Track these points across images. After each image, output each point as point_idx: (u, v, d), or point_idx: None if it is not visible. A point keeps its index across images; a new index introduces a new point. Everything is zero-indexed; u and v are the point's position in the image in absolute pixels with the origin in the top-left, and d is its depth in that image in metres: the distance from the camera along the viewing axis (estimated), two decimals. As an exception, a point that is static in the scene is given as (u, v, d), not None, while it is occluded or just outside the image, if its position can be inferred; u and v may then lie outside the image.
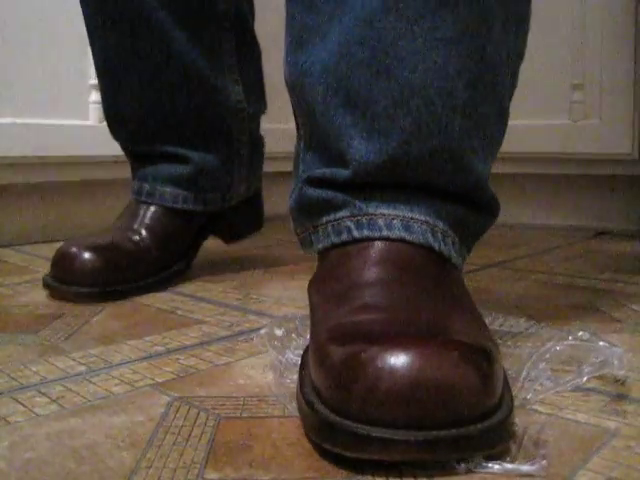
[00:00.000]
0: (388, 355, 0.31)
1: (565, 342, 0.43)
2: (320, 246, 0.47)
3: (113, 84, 0.74)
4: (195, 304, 0.66)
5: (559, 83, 1.16)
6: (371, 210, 0.44)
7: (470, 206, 0.46)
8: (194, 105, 0.75)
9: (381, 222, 0.43)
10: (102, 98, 0.76)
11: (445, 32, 0.41)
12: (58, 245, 0.70)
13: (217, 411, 0.39)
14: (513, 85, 0.48)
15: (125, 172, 0.83)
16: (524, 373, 0.41)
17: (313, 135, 0.47)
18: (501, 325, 0.53)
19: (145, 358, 0.49)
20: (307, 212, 0.48)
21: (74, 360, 0.48)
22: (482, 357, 0.33)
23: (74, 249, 0.67)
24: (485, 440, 0.31)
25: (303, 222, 0.49)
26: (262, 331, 0.49)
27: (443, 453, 0.30)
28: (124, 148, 0.79)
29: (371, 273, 0.41)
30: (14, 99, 0.99)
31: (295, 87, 0.47)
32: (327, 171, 0.45)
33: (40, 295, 0.69)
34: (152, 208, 0.75)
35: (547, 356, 0.41)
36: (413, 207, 0.43)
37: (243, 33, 0.79)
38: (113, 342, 0.53)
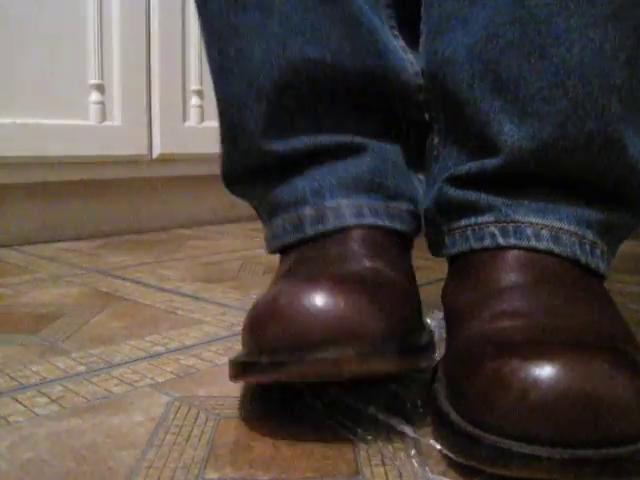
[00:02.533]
0: (533, 366, 0.29)
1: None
2: (455, 250, 0.44)
3: (240, 33, 0.46)
4: (195, 304, 0.66)
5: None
6: (518, 217, 0.41)
7: (619, 205, 0.43)
8: (364, 67, 0.46)
9: (529, 231, 0.40)
10: (216, 64, 0.49)
11: (601, 8, 0.38)
12: (58, 245, 0.70)
13: (217, 411, 0.39)
14: None
15: (125, 172, 0.82)
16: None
17: (454, 127, 0.45)
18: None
19: (145, 358, 0.49)
20: (445, 213, 0.44)
21: (74, 360, 0.48)
22: (635, 368, 0.30)
23: (305, 295, 0.34)
24: (638, 464, 0.28)
25: (438, 224, 0.45)
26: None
27: (589, 475, 0.28)
28: (247, 154, 0.48)
29: (513, 280, 0.39)
30: (14, 99, 0.99)
31: (435, 77, 0.44)
32: (472, 165, 0.42)
33: (40, 295, 0.69)
34: (341, 235, 0.44)
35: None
36: (562, 215, 0.41)
37: None
38: (113, 342, 0.53)
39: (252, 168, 0.49)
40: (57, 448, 0.34)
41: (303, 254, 0.45)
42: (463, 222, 0.43)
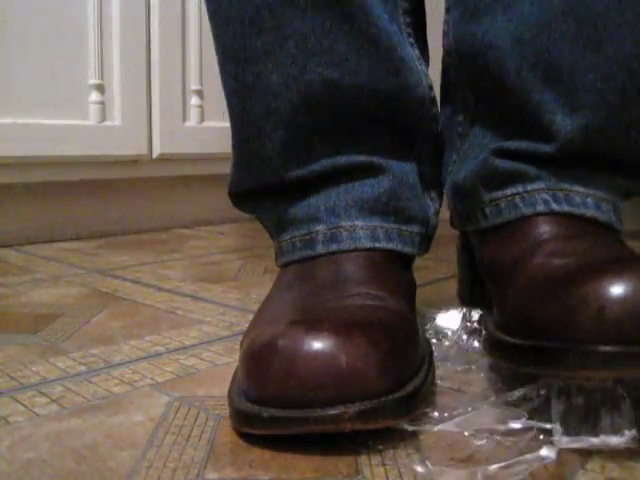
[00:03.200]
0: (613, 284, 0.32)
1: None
2: (500, 219, 0.45)
3: (257, 58, 0.44)
4: (195, 304, 0.66)
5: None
6: (566, 186, 0.44)
7: None
8: (382, 86, 0.45)
9: (578, 199, 0.43)
10: (232, 90, 0.47)
11: None
12: (58, 245, 0.70)
13: (217, 411, 0.39)
14: None
15: (125, 172, 0.82)
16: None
17: (495, 108, 0.46)
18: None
19: (145, 358, 0.49)
20: (490, 184, 0.46)
21: (74, 360, 0.48)
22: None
23: (306, 346, 0.33)
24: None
25: (479, 195, 0.47)
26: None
27: None
28: (262, 181, 0.48)
29: (554, 233, 0.42)
30: (14, 99, 0.99)
31: (474, 60, 0.45)
32: (523, 144, 0.44)
33: (40, 295, 0.69)
34: (356, 256, 0.44)
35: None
36: (602, 187, 0.44)
37: None
38: (113, 342, 0.53)
39: (265, 189, 0.48)
40: (57, 448, 0.34)
41: (307, 271, 0.44)
42: (509, 191, 0.45)
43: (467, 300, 0.56)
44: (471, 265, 0.53)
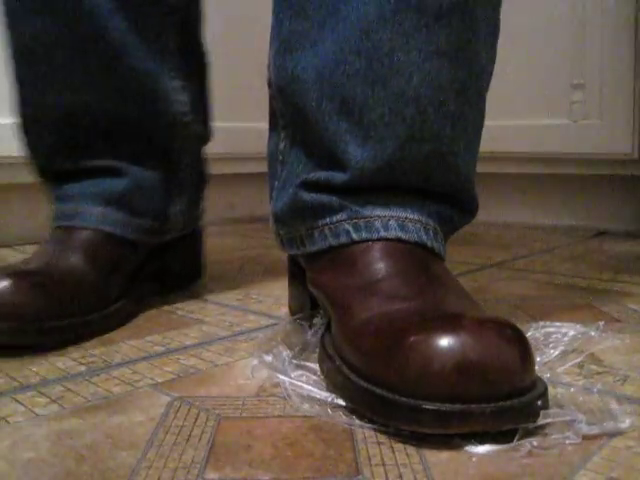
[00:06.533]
0: (436, 338, 0.34)
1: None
2: (315, 248, 0.48)
3: (36, 79, 0.61)
4: (195, 304, 0.66)
5: (559, 83, 1.16)
6: (367, 213, 0.46)
7: (455, 206, 0.49)
8: (129, 110, 0.62)
9: (378, 224, 0.46)
10: (18, 98, 0.62)
11: (438, 45, 0.43)
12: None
13: (217, 411, 0.39)
14: (488, 89, 0.51)
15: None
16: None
17: (304, 139, 0.49)
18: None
19: (145, 358, 0.49)
20: (301, 215, 0.49)
21: (74, 360, 0.48)
22: (519, 335, 0.35)
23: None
24: (523, 412, 0.33)
25: (295, 225, 0.50)
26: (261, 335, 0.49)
27: (485, 423, 0.33)
28: (41, 168, 0.65)
29: (382, 269, 0.43)
30: (14, 99, 0.99)
31: (284, 91, 0.48)
32: (322, 175, 0.47)
33: None
34: (81, 232, 0.60)
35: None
36: (406, 208, 0.46)
37: (189, 35, 0.66)
38: (113, 342, 0.53)
39: (47, 173, 0.65)
40: (57, 448, 0.34)
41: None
42: (320, 222, 0.48)
43: (297, 312, 0.57)
44: (302, 283, 0.54)
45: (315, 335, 0.47)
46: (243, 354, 0.49)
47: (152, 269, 0.67)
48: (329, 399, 0.39)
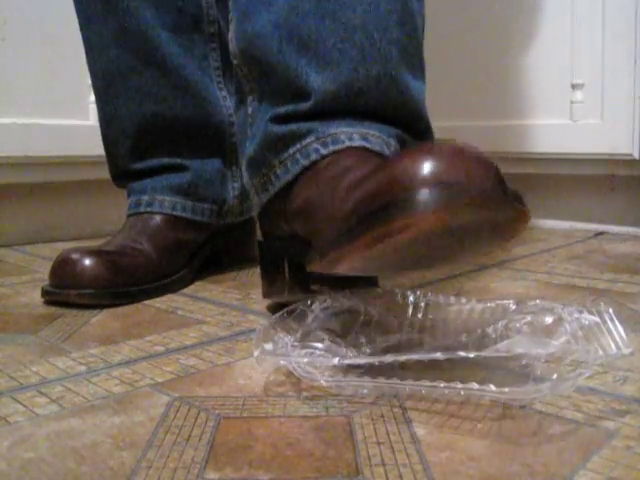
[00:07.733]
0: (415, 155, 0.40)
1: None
2: (289, 176, 0.53)
3: (113, 97, 0.77)
4: (195, 304, 0.66)
5: (559, 83, 1.16)
6: (332, 130, 0.52)
7: (410, 129, 0.55)
8: (188, 115, 0.78)
9: (343, 137, 0.52)
10: (100, 112, 0.79)
11: None
12: (58, 245, 0.70)
13: (217, 411, 0.39)
14: (423, 28, 0.58)
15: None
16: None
17: (269, 83, 0.54)
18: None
19: (145, 358, 0.49)
20: (274, 148, 0.54)
21: (74, 360, 0.48)
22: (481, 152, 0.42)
23: (75, 255, 0.66)
24: None
25: (268, 160, 0.55)
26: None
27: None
28: (119, 168, 0.80)
29: (350, 163, 0.49)
30: (14, 99, 0.99)
31: (247, 50, 0.55)
32: (289, 107, 0.53)
33: (40, 295, 0.68)
34: (152, 218, 0.75)
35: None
36: (368, 128, 0.52)
37: (227, 55, 0.80)
38: (113, 342, 0.53)
39: (123, 174, 0.80)
40: (57, 448, 0.34)
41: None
42: (291, 150, 0.53)
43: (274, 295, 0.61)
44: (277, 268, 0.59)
45: (316, 320, 0.47)
46: (243, 354, 0.49)
47: (213, 249, 0.82)
48: (341, 363, 0.40)
